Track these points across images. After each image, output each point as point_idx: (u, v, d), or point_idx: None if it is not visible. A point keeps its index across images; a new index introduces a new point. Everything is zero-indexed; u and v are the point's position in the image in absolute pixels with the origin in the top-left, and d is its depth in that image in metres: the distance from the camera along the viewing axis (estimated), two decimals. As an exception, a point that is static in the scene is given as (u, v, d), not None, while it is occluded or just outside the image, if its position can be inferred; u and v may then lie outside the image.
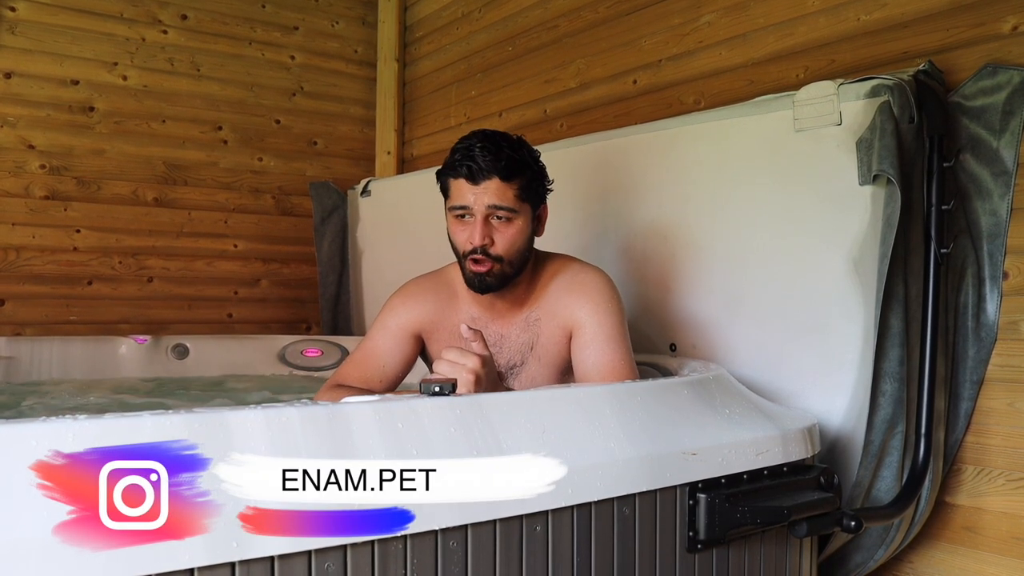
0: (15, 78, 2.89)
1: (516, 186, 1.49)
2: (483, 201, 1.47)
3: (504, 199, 1.48)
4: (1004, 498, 1.65)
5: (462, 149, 1.49)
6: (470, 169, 1.47)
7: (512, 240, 1.50)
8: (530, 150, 1.55)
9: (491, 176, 1.46)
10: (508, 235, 1.50)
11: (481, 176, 1.46)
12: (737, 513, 1.24)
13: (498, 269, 1.51)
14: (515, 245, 1.51)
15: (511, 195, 1.48)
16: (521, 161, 1.49)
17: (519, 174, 1.49)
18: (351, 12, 3.62)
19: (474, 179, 1.47)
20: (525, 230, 1.53)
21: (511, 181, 1.48)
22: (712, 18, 2.27)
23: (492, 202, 1.47)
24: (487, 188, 1.47)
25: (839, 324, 1.63)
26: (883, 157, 1.50)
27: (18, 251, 2.91)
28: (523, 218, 1.51)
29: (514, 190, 1.48)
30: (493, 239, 1.49)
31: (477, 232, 1.48)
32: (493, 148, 1.47)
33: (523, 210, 1.51)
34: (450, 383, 1.14)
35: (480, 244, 1.48)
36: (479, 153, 1.46)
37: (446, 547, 1.00)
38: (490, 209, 1.48)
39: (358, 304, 3.30)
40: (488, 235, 1.49)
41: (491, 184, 1.47)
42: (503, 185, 1.47)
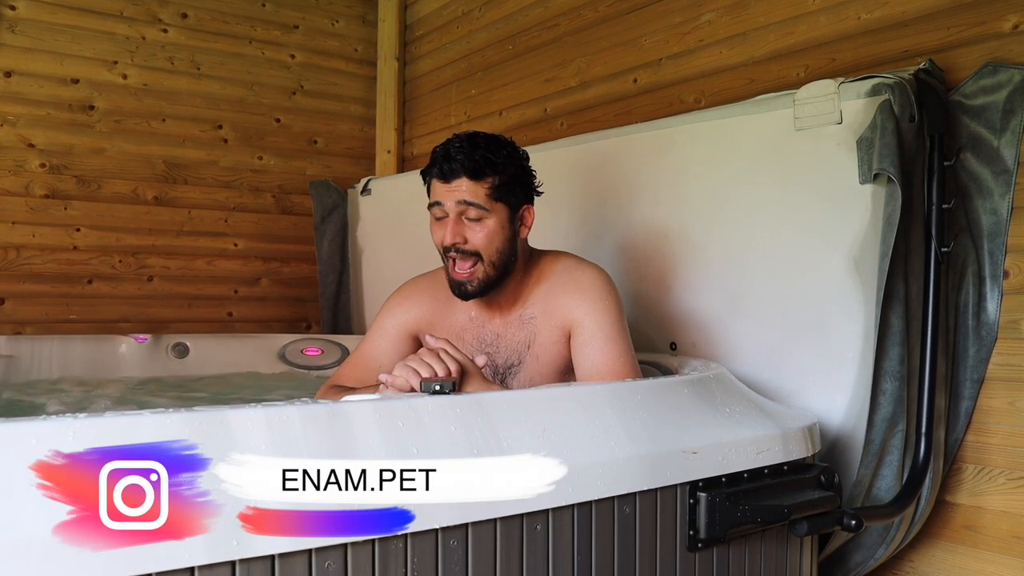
0: (15, 77, 2.89)
1: (488, 185, 1.51)
2: (453, 198, 1.51)
3: (475, 197, 1.50)
4: (1004, 497, 1.65)
5: (440, 149, 1.53)
6: (442, 169, 1.51)
7: (487, 238, 1.52)
8: (513, 151, 1.56)
9: (460, 175, 1.50)
10: (481, 233, 1.52)
11: (452, 175, 1.50)
12: (737, 512, 1.24)
13: (481, 272, 1.53)
14: (492, 244, 1.53)
15: (482, 194, 1.51)
16: (495, 161, 1.51)
17: (492, 174, 1.51)
18: (351, 11, 3.62)
19: (445, 178, 1.51)
20: (500, 230, 1.53)
21: (482, 180, 1.50)
22: (712, 17, 2.26)
23: (461, 198, 1.50)
24: (458, 186, 1.50)
25: (840, 323, 1.63)
26: (884, 156, 1.50)
27: (18, 250, 2.91)
28: (496, 217, 1.53)
29: (485, 189, 1.51)
30: (466, 237, 1.51)
31: (448, 230, 1.51)
32: (468, 148, 1.50)
33: (496, 209, 1.53)
34: (450, 382, 1.14)
35: (452, 243, 1.51)
36: (454, 153, 1.50)
37: (446, 546, 1.00)
38: (460, 206, 1.51)
39: (358, 303, 3.30)
40: (460, 233, 1.51)
41: (461, 183, 1.50)
42: (473, 184, 1.50)
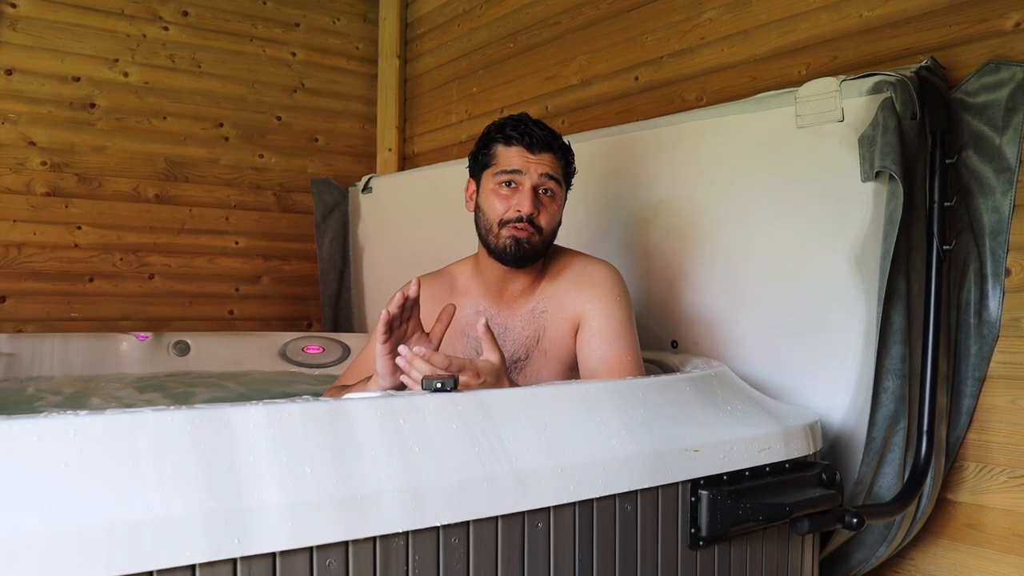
0: (16, 75, 2.89)
1: (563, 165, 1.56)
2: (537, 170, 1.52)
3: (556, 173, 1.54)
4: (1006, 495, 1.65)
5: (513, 122, 1.55)
6: (531, 138, 1.52)
7: (553, 216, 1.56)
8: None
9: (548, 149, 1.53)
10: (551, 210, 1.55)
11: (539, 147, 1.52)
12: (739, 510, 1.24)
13: (537, 240, 1.54)
14: (553, 222, 1.57)
15: (560, 171, 1.55)
16: (566, 146, 1.59)
17: (564, 156, 1.57)
18: (352, 9, 3.62)
19: (531, 148, 1.52)
20: (559, 212, 1.59)
21: (561, 159, 1.56)
22: (714, 14, 2.26)
23: (546, 171, 1.52)
24: (543, 160, 1.53)
25: (841, 321, 1.63)
26: (885, 154, 1.50)
27: (19, 248, 2.91)
28: (562, 198, 1.58)
29: (562, 168, 1.56)
30: (539, 210, 1.53)
31: (527, 199, 1.51)
32: (546, 127, 1.56)
33: (561, 191, 1.58)
34: (452, 379, 1.14)
35: (530, 212, 1.51)
36: (535, 128, 1.53)
37: (448, 544, 1.00)
38: (542, 179, 1.53)
39: (359, 301, 3.30)
40: (536, 206, 1.52)
41: (546, 157, 1.53)
42: (556, 161, 1.54)
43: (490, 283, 1.63)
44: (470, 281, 1.66)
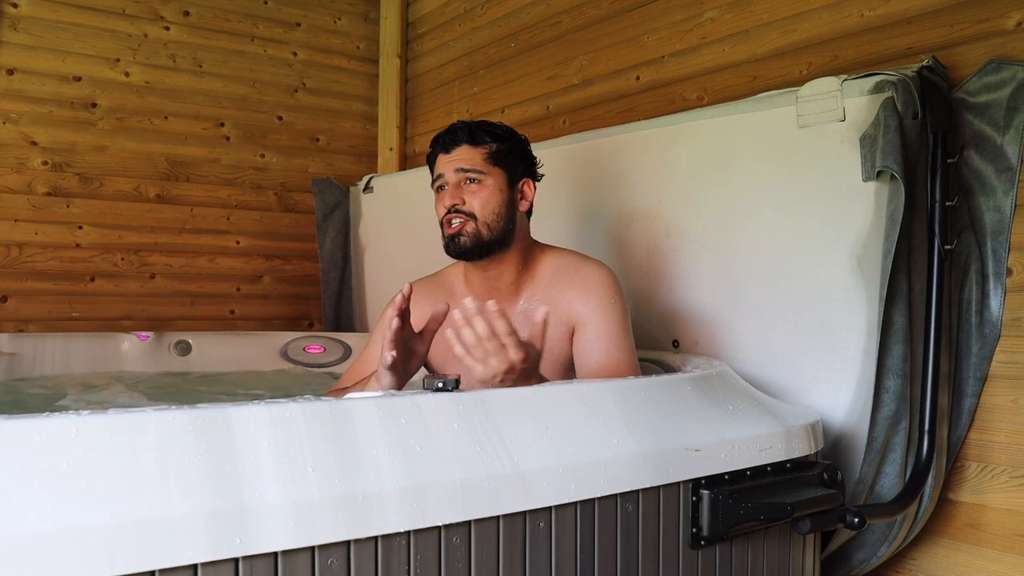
0: (17, 74, 2.89)
1: (486, 150, 1.58)
2: (453, 166, 1.58)
3: (472, 162, 1.57)
4: (1007, 495, 1.65)
5: (439, 134, 1.63)
6: (444, 141, 1.60)
7: (483, 200, 1.57)
8: (512, 131, 1.65)
9: (460, 143, 1.58)
10: (479, 195, 1.57)
11: (452, 144, 1.59)
12: (740, 509, 1.24)
13: (472, 228, 1.56)
14: (487, 205, 1.57)
15: (479, 159, 1.58)
16: (495, 131, 1.61)
17: (490, 141, 1.59)
18: (353, 8, 3.62)
19: (447, 148, 1.60)
20: (498, 193, 1.58)
21: (481, 145, 1.58)
22: (715, 14, 2.26)
23: (460, 165, 1.57)
24: (457, 154, 1.58)
25: (842, 320, 1.63)
26: (887, 153, 1.50)
27: (21, 247, 2.91)
28: (493, 180, 1.58)
29: (483, 154, 1.58)
30: (463, 199, 1.57)
31: (448, 193, 1.58)
32: (467, 123, 1.61)
33: (493, 173, 1.59)
34: (453, 379, 1.14)
35: (451, 203, 1.56)
36: (452, 130, 1.60)
37: (449, 543, 1.00)
38: (459, 173, 1.58)
39: (360, 300, 3.30)
40: (458, 195, 1.57)
41: (460, 150, 1.58)
42: (471, 149, 1.58)
43: (474, 285, 1.65)
44: (462, 284, 1.68)
